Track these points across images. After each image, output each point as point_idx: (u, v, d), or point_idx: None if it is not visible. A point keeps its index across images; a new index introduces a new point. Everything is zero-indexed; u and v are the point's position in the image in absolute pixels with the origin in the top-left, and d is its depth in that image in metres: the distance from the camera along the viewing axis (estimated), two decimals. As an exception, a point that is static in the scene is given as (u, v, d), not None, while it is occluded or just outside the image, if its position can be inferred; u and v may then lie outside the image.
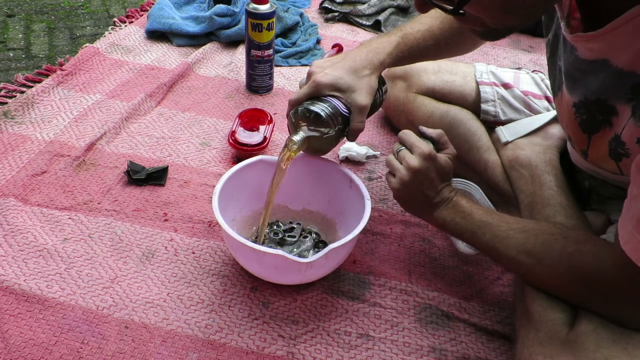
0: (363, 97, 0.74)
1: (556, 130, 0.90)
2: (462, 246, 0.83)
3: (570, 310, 0.60)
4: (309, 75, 0.77)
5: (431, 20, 0.82)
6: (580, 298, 0.59)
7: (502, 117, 0.96)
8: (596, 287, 0.57)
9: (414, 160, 0.69)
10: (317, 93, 0.74)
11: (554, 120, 0.92)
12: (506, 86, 0.98)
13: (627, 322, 0.55)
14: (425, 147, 0.70)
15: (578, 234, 0.63)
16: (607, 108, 0.59)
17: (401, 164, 0.71)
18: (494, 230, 0.66)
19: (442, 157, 0.71)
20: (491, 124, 0.97)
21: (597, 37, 0.56)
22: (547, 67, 0.78)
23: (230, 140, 0.98)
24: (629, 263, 0.51)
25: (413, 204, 0.74)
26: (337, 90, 0.74)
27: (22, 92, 1.11)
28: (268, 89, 1.22)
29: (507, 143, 0.91)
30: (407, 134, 0.73)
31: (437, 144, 0.74)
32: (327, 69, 0.75)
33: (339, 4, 1.66)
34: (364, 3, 1.65)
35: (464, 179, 0.92)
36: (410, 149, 0.71)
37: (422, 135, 0.74)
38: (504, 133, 0.92)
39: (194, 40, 1.39)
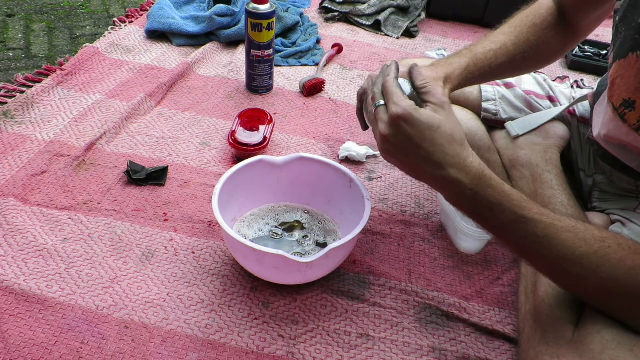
0: None
1: (557, 129, 0.90)
2: (462, 246, 0.84)
3: (576, 309, 0.60)
4: None
5: (504, 37, 0.79)
6: (629, 314, 0.54)
7: (503, 116, 0.96)
8: None
9: (382, 125, 0.58)
10: None
11: (555, 119, 0.92)
12: (508, 85, 0.98)
13: None
14: (400, 105, 0.56)
15: (629, 242, 0.55)
16: None
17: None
18: (531, 228, 0.55)
19: (424, 113, 0.56)
20: (492, 122, 0.97)
21: None
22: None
23: (230, 140, 0.98)
24: None
25: (412, 170, 0.60)
26: None
27: (22, 92, 1.11)
28: (268, 89, 1.22)
29: (517, 137, 0.90)
30: (388, 82, 0.60)
31: (421, 95, 0.60)
32: None
33: (339, 4, 1.66)
34: (364, 3, 1.65)
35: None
36: (386, 104, 0.59)
37: (411, 81, 0.63)
38: (514, 127, 0.91)
39: (194, 40, 1.39)
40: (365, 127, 0.74)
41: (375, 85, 0.63)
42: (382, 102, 0.60)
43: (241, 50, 1.36)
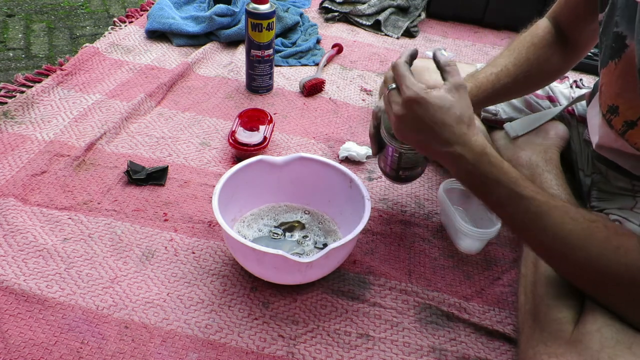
0: None
1: (557, 129, 0.91)
2: (462, 246, 0.84)
3: (575, 309, 0.60)
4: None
5: (504, 60, 0.83)
6: (617, 299, 0.55)
7: (503, 116, 0.97)
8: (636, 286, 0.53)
9: (396, 107, 0.63)
10: None
11: (555, 119, 0.92)
12: (507, 86, 0.98)
13: None
14: (412, 89, 0.61)
15: (615, 225, 0.58)
16: None
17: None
18: (524, 205, 0.58)
19: (436, 95, 0.61)
20: (491, 122, 0.98)
21: None
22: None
23: (230, 140, 0.98)
24: None
25: (423, 146, 0.65)
26: None
27: (22, 92, 1.11)
28: (268, 89, 1.22)
29: (516, 137, 0.91)
30: (399, 66, 0.64)
31: (443, 73, 0.65)
32: None
33: (339, 4, 1.66)
34: (364, 3, 1.65)
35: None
36: (398, 87, 0.64)
37: (435, 61, 0.66)
38: (513, 128, 0.92)
39: (194, 40, 1.39)
40: (376, 153, 0.80)
41: (390, 70, 0.67)
42: (393, 85, 0.65)
43: (241, 50, 1.36)
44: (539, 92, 0.97)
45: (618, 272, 0.53)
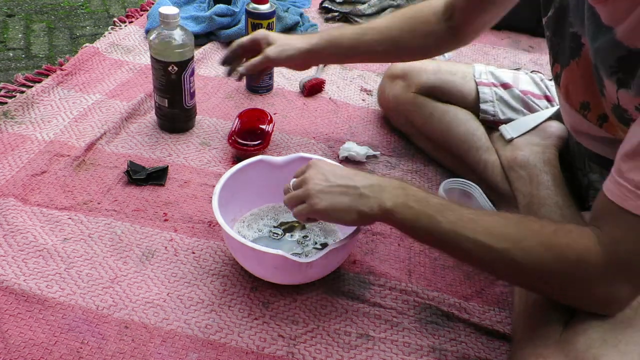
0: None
1: (555, 129, 0.91)
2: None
3: (567, 311, 0.60)
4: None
5: (380, 20, 0.89)
6: (560, 284, 0.56)
7: (501, 117, 0.97)
8: (582, 268, 0.53)
9: (305, 182, 0.67)
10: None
11: (553, 118, 0.92)
12: (505, 86, 0.98)
13: (610, 307, 0.55)
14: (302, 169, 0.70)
15: (551, 220, 0.60)
16: (599, 78, 0.60)
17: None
18: (458, 213, 0.59)
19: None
20: (490, 123, 0.98)
21: (602, 2, 0.55)
22: (547, 62, 0.80)
23: (230, 140, 0.98)
24: (614, 241, 0.52)
25: (346, 207, 0.64)
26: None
27: (22, 92, 1.11)
28: (268, 89, 1.22)
29: (511, 139, 0.91)
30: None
31: None
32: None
33: (339, 3, 1.66)
34: (364, 3, 1.65)
35: (463, 179, 0.92)
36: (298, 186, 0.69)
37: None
38: (508, 130, 0.92)
39: (194, 40, 1.38)
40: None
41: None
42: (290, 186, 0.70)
43: (241, 50, 1.36)
44: (536, 91, 0.97)
45: (561, 255, 0.54)
